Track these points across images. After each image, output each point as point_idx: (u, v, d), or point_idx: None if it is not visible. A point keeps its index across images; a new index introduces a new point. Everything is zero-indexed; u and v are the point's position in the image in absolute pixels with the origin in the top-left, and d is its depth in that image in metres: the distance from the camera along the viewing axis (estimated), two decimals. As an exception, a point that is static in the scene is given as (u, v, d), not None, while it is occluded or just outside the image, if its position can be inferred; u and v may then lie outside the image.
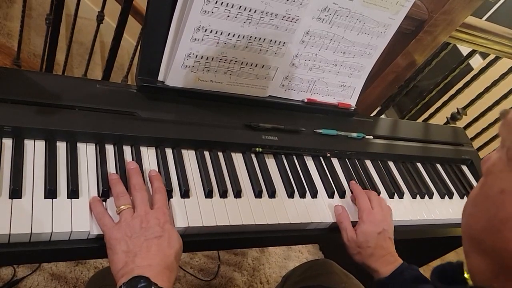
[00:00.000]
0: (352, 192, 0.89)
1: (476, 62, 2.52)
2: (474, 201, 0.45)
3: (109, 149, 0.72)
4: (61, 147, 0.68)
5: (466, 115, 1.72)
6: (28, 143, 0.66)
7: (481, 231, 0.43)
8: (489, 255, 0.43)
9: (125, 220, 0.61)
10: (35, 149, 0.66)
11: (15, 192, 0.59)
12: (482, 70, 1.55)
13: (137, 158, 0.72)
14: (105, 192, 0.66)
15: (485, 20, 1.42)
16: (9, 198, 0.59)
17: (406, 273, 0.75)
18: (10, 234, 0.56)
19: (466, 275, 0.49)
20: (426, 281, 0.72)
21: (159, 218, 0.63)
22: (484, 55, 2.30)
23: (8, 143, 0.64)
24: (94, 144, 0.71)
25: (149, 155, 0.75)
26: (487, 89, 1.63)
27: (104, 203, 0.65)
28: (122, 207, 0.63)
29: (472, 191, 0.47)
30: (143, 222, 0.61)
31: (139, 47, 1.23)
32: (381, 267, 0.77)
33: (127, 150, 0.73)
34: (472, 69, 2.43)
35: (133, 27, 1.77)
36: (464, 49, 2.09)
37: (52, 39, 1.14)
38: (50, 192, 0.62)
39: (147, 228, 0.61)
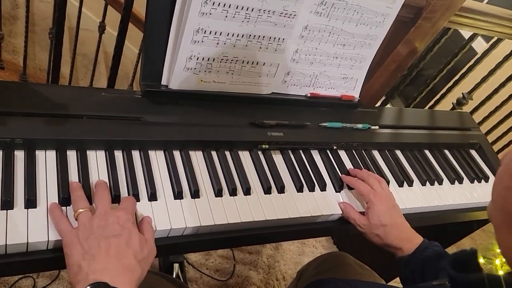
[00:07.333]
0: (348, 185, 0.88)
1: (480, 46, 2.49)
2: None
3: (118, 155, 0.73)
4: (72, 156, 0.69)
5: (472, 99, 1.71)
6: (39, 154, 0.67)
7: None
8: None
9: (82, 223, 0.58)
10: (46, 159, 0.67)
11: (30, 202, 0.61)
12: (485, 53, 1.54)
13: (146, 162, 0.74)
14: (117, 198, 0.67)
15: (486, 3, 1.41)
16: (25, 208, 0.61)
17: (429, 249, 0.75)
18: (27, 243, 0.58)
19: (482, 260, 0.48)
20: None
21: (120, 216, 0.60)
22: (487, 38, 2.28)
23: (20, 155, 0.66)
24: (103, 151, 0.72)
25: (157, 158, 0.76)
26: (491, 72, 1.62)
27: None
28: (79, 210, 0.60)
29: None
30: (101, 221, 0.58)
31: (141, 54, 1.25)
32: (403, 244, 0.77)
33: (136, 154, 0.74)
34: (476, 53, 2.41)
35: (135, 36, 1.79)
36: (467, 34, 2.08)
37: (56, 51, 1.17)
38: (64, 200, 0.63)
39: (105, 226, 0.58)
